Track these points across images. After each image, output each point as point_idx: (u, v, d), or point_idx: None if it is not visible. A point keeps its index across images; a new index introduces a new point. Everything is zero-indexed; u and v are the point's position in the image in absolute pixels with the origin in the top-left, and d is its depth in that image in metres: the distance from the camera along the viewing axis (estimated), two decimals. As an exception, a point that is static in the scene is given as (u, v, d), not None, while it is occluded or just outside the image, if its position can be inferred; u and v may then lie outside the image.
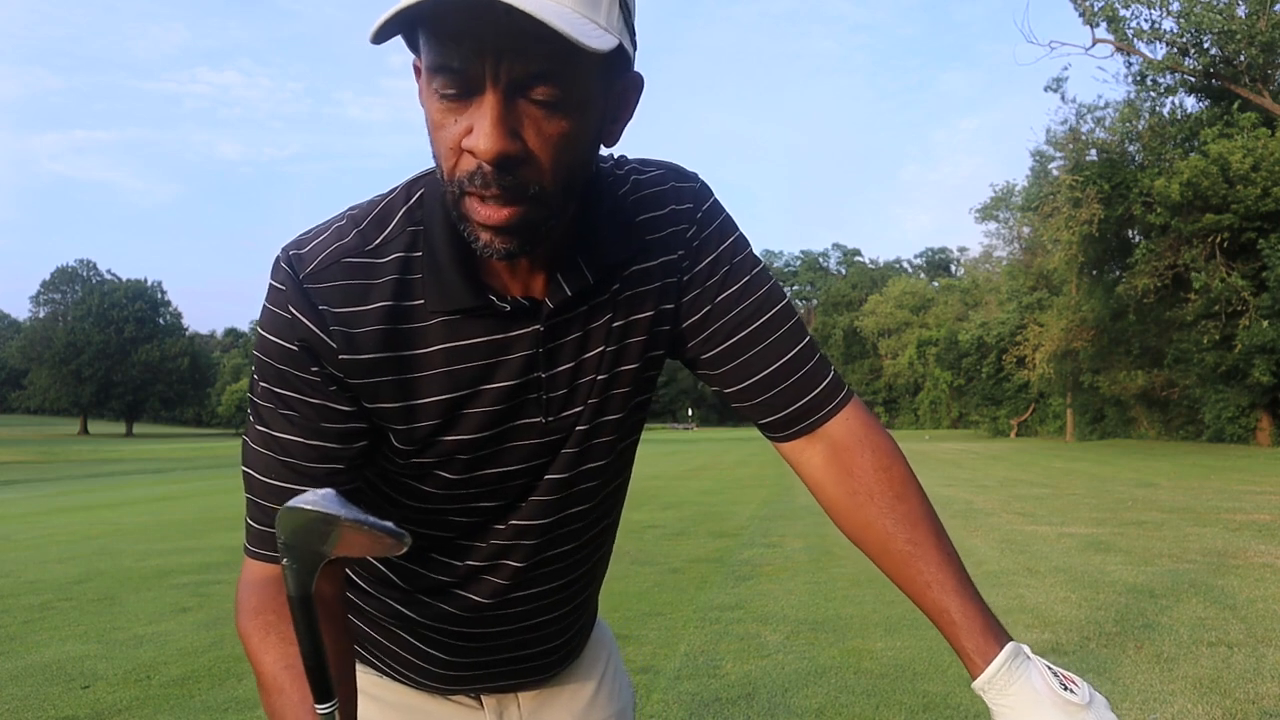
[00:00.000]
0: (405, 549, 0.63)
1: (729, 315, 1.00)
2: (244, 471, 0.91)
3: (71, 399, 78.19)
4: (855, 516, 0.98)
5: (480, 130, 0.75)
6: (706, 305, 1.00)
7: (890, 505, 0.96)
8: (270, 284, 0.89)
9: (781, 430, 1.02)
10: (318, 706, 0.67)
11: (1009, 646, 0.88)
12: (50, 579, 7.18)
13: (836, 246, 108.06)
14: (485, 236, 0.80)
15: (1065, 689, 0.84)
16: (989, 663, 0.87)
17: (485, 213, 0.79)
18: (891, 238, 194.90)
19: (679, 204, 0.99)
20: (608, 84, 0.83)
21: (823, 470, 1.01)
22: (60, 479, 23.00)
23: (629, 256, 0.95)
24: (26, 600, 6.34)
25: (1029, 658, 0.88)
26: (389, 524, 0.63)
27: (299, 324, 0.87)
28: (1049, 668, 0.87)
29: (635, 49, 0.83)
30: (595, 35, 0.73)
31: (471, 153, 0.77)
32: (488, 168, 0.76)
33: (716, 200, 1.02)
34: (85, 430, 79.09)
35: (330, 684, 0.67)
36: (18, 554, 8.79)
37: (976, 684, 0.88)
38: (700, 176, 1.02)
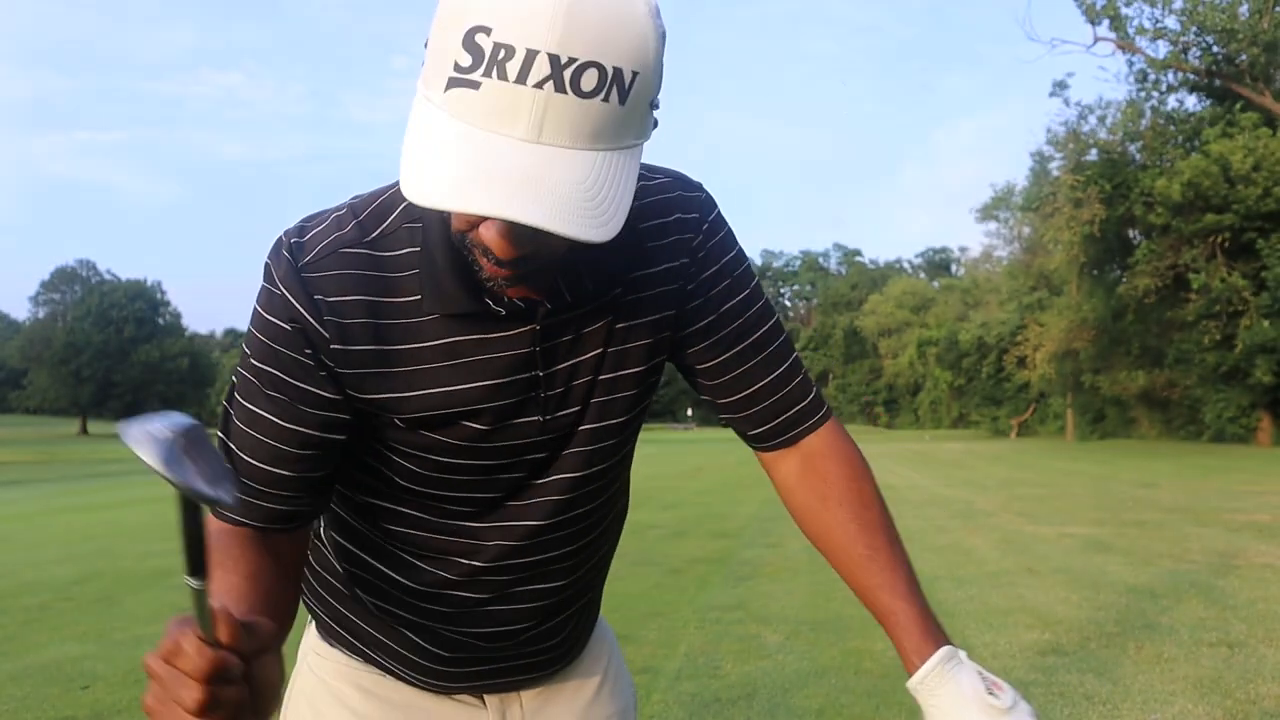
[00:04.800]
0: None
1: (731, 326, 1.03)
2: (220, 438, 0.92)
3: (71, 399, 78.06)
4: (822, 519, 1.05)
5: (493, 233, 0.77)
6: (710, 315, 1.02)
7: (856, 513, 1.03)
8: (267, 265, 0.90)
9: (765, 440, 1.08)
10: (189, 579, 0.62)
11: (944, 649, 0.94)
12: (49, 579, 7.18)
13: (837, 246, 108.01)
14: (489, 277, 0.83)
15: (991, 693, 0.89)
16: (925, 662, 0.93)
17: (493, 270, 0.81)
18: (892, 238, 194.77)
19: (686, 213, 1.00)
20: None
21: (797, 476, 1.07)
22: (60, 479, 23.00)
23: (628, 264, 0.96)
24: (25, 601, 6.33)
25: (962, 662, 0.93)
26: (206, 491, 0.58)
27: (294, 309, 0.88)
28: (979, 672, 0.92)
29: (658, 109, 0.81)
30: (606, 216, 0.73)
31: (484, 235, 0.79)
32: (499, 256, 0.79)
33: (720, 212, 1.04)
34: (85, 430, 78.95)
35: (206, 564, 0.62)
36: (16, 554, 8.79)
37: (910, 683, 0.94)
38: (705, 186, 1.04)
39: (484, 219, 0.77)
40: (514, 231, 0.76)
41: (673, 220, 0.99)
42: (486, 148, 0.71)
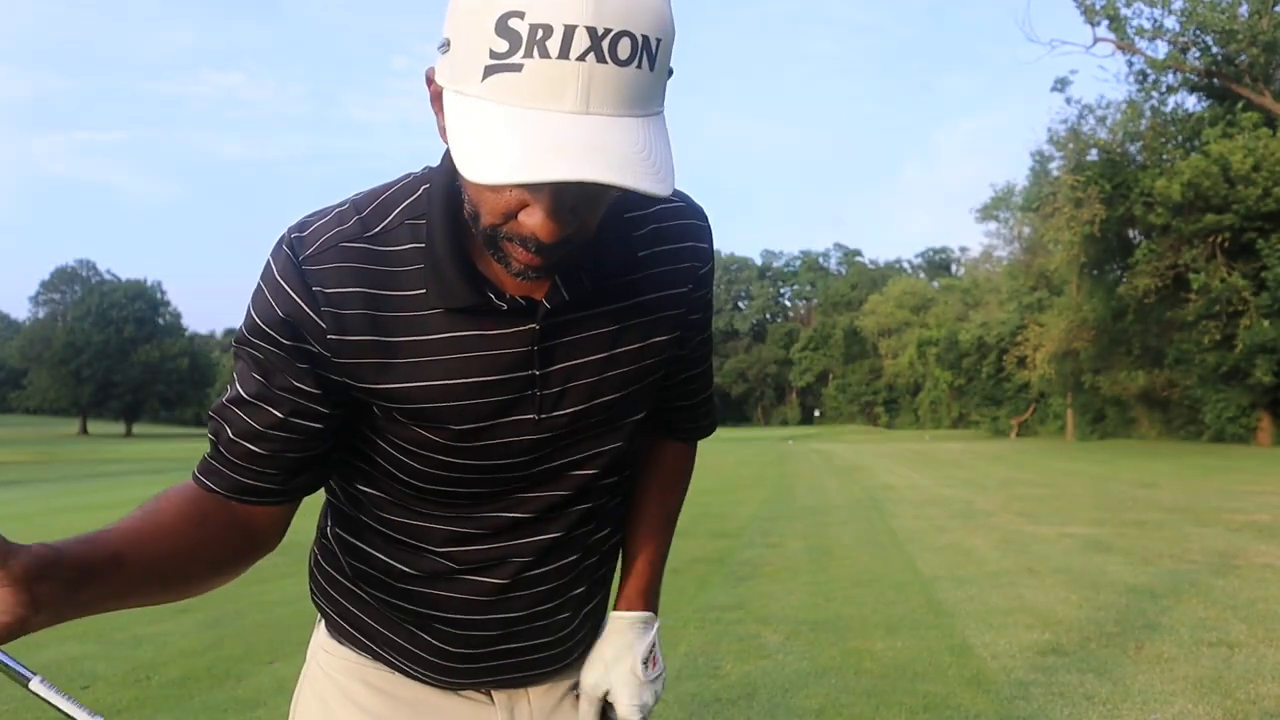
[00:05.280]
0: None
1: (701, 350, 1.14)
2: (210, 415, 0.97)
3: (71, 399, 77.98)
4: (640, 481, 1.20)
5: (538, 217, 0.79)
6: (701, 333, 1.11)
7: (661, 498, 1.22)
8: (269, 260, 0.92)
9: (660, 433, 1.20)
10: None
11: (649, 614, 1.16)
12: (50, 579, 7.17)
13: (837, 246, 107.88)
14: (520, 268, 0.85)
15: (650, 658, 1.12)
16: (630, 610, 1.15)
17: (528, 259, 0.83)
18: (892, 238, 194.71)
19: (699, 242, 1.05)
20: None
21: (647, 451, 1.21)
22: (60, 479, 22.99)
23: (629, 272, 0.99)
24: (26, 600, 6.33)
25: (650, 630, 1.14)
26: None
27: (290, 300, 0.90)
28: (655, 644, 1.14)
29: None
30: (663, 174, 0.75)
31: (525, 223, 0.80)
32: (543, 240, 0.80)
33: None
34: (85, 430, 78.89)
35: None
36: (17, 554, 8.78)
37: (610, 613, 1.15)
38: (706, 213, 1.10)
39: (524, 207, 0.79)
40: (559, 212, 0.79)
41: (687, 247, 1.04)
42: (540, 123, 0.72)
